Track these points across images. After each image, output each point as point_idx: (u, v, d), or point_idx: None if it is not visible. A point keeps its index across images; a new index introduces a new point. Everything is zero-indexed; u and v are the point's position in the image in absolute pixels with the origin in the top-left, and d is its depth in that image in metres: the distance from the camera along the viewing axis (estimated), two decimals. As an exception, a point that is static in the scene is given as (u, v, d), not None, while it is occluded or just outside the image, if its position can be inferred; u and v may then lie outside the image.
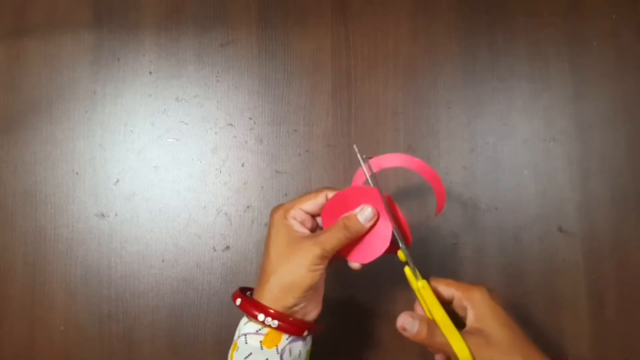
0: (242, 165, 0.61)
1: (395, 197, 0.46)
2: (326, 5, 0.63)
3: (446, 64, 0.62)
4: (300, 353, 0.43)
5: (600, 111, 0.60)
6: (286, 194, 0.60)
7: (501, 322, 0.41)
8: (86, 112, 0.62)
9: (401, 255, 0.44)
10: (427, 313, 0.43)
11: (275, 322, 0.41)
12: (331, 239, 0.42)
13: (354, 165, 0.60)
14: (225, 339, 0.58)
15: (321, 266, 0.42)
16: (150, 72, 0.63)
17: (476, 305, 0.42)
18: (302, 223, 0.45)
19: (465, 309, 0.42)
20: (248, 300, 0.43)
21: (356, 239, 0.44)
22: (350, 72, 0.62)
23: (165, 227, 0.60)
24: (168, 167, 0.61)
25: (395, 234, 0.44)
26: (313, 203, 0.45)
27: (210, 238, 0.60)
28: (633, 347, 0.57)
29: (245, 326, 0.43)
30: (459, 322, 0.42)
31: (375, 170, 0.46)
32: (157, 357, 0.58)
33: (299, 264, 0.41)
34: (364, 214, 0.44)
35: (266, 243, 0.44)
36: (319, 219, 0.47)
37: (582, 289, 0.58)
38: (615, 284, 0.58)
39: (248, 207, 0.60)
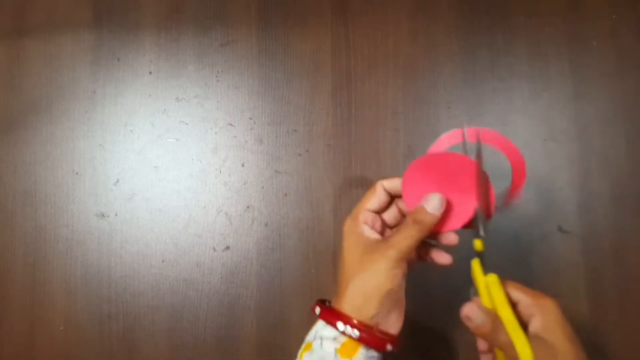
0: (242, 165, 0.61)
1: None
2: (326, 5, 0.63)
3: (446, 64, 0.62)
4: None
5: (601, 111, 0.60)
6: (286, 194, 0.60)
7: (568, 337, 0.39)
8: (86, 112, 0.62)
9: (478, 244, 0.41)
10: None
11: (356, 332, 0.39)
12: (404, 239, 0.40)
13: (353, 165, 0.60)
14: (225, 338, 0.58)
15: (399, 270, 0.40)
16: (150, 72, 0.63)
17: (546, 314, 0.40)
18: (372, 226, 0.43)
19: (530, 316, 0.41)
20: (328, 309, 0.41)
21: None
22: (350, 72, 0.62)
23: (165, 227, 0.60)
24: (168, 167, 0.61)
25: (479, 219, 0.41)
26: (375, 200, 0.43)
27: (210, 238, 0.60)
28: (633, 347, 0.57)
29: (325, 329, 0.41)
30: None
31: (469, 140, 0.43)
32: (157, 356, 0.58)
33: (376, 270, 0.40)
34: (431, 203, 0.41)
35: (342, 253, 0.43)
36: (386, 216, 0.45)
37: (582, 289, 0.58)
38: (615, 284, 0.58)
39: (248, 207, 0.60)
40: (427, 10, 0.62)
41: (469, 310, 0.40)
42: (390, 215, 0.45)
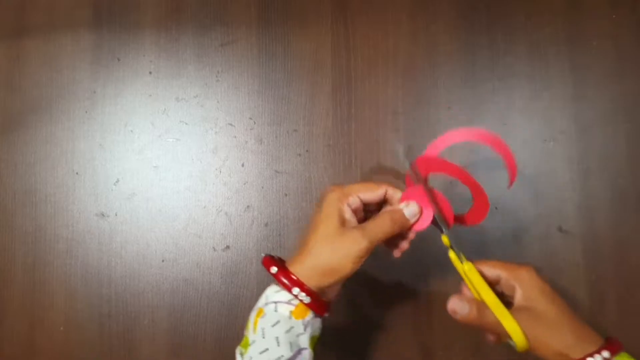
0: (242, 165, 0.61)
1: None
2: (326, 5, 0.63)
3: (446, 64, 0.62)
4: (317, 329, 0.44)
5: (600, 111, 0.60)
6: (286, 194, 0.60)
7: (549, 299, 0.42)
8: (86, 112, 0.62)
9: (445, 240, 0.45)
10: (475, 294, 0.44)
11: (308, 299, 0.42)
12: (379, 232, 0.43)
13: (353, 165, 0.60)
14: (225, 338, 0.58)
15: (364, 258, 0.43)
16: (150, 72, 0.63)
17: (524, 284, 0.43)
18: (354, 211, 0.45)
19: (513, 289, 0.43)
20: (285, 272, 0.43)
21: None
22: (350, 72, 0.62)
23: (165, 227, 0.60)
24: (168, 167, 0.61)
25: (437, 220, 0.45)
26: (372, 195, 0.46)
27: (210, 238, 0.60)
28: (633, 347, 0.57)
29: (277, 294, 0.43)
30: (505, 302, 0.43)
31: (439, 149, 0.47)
32: (157, 356, 0.58)
33: (345, 254, 0.42)
34: (409, 209, 0.45)
35: (315, 219, 0.45)
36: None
37: (582, 289, 0.58)
38: (615, 284, 0.58)
39: (248, 207, 0.60)
40: (427, 10, 0.62)
41: (452, 305, 0.42)
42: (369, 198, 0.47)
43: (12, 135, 0.62)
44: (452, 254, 0.45)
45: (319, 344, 0.44)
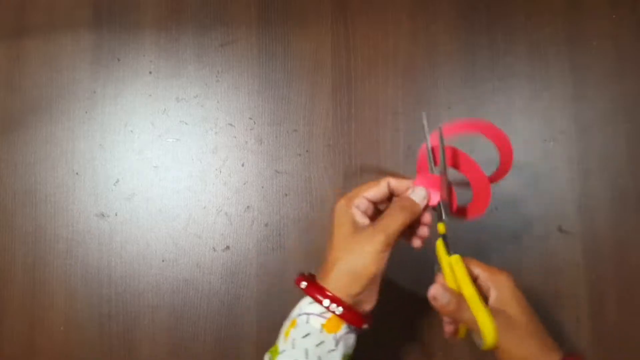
0: (242, 165, 0.61)
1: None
2: (326, 5, 0.63)
3: (446, 63, 0.62)
4: (352, 345, 0.43)
5: (601, 111, 0.60)
6: (286, 194, 0.60)
7: (522, 306, 0.43)
8: (86, 112, 0.62)
9: (440, 227, 0.45)
10: (454, 287, 0.44)
11: (340, 309, 0.41)
12: (392, 223, 0.43)
13: (353, 165, 0.60)
14: (225, 338, 0.58)
15: (386, 253, 0.42)
16: (150, 72, 0.63)
17: (501, 287, 0.43)
18: (364, 212, 0.45)
19: (488, 290, 0.44)
20: (314, 285, 0.43)
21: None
22: (350, 72, 0.62)
23: (165, 227, 0.60)
24: (168, 167, 0.61)
25: (442, 207, 0.45)
26: (376, 191, 0.45)
27: (210, 238, 0.60)
28: (633, 347, 0.57)
29: (310, 306, 0.42)
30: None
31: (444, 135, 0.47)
32: (157, 356, 0.58)
33: (365, 252, 0.42)
34: (416, 193, 0.45)
35: (331, 233, 0.44)
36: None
37: (582, 289, 0.58)
38: (615, 284, 0.58)
39: (248, 207, 0.60)
40: (427, 10, 0.62)
41: (435, 291, 0.43)
42: (377, 195, 0.47)
43: (12, 135, 0.62)
44: (440, 243, 0.45)
45: None
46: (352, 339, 0.43)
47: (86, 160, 0.61)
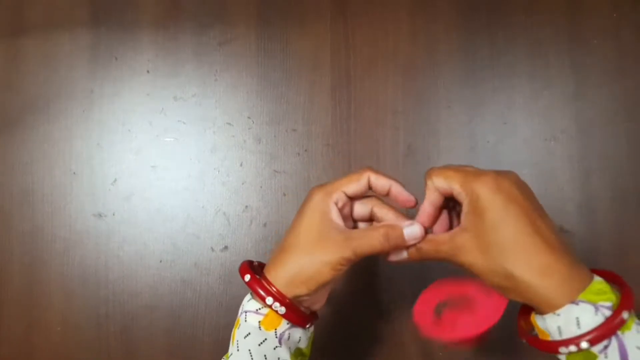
0: (241, 165, 0.61)
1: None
2: (325, 4, 0.62)
3: (446, 63, 0.61)
4: (300, 339, 0.41)
5: (601, 110, 0.60)
6: (285, 194, 0.60)
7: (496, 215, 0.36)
8: (84, 111, 0.62)
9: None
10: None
11: (283, 310, 0.39)
12: (366, 246, 0.39)
13: (353, 165, 0.60)
14: (223, 339, 0.58)
15: (345, 267, 0.39)
16: (148, 71, 0.62)
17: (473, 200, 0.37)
18: (341, 209, 0.41)
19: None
20: (257, 281, 0.40)
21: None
22: (350, 71, 0.61)
23: (163, 227, 0.60)
24: (166, 166, 0.61)
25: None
26: (356, 186, 0.41)
27: (208, 238, 0.60)
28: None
29: (248, 303, 0.41)
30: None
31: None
32: (155, 357, 0.58)
33: (324, 261, 0.39)
34: (411, 230, 0.40)
35: (297, 221, 0.41)
36: (358, 207, 0.43)
37: (582, 289, 0.57)
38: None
39: (246, 207, 0.60)
40: (427, 9, 0.62)
41: (391, 258, 0.41)
42: (359, 210, 0.43)
43: (9, 135, 0.62)
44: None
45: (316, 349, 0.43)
46: (298, 332, 0.41)
47: (84, 160, 0.61)
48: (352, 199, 0.42)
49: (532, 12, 0.61)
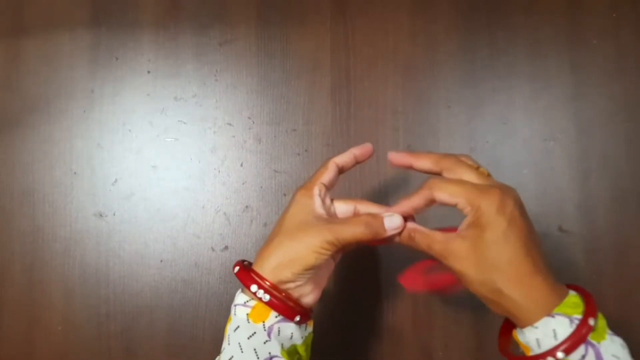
0: (241, 165, 0.61)
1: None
2: (325, 4, 0.63)
3: (446, 63, 0.61)
4: (292, 335, 0.40)
5: (601, 110, 0.60)
6: (285, 194, 0.60)
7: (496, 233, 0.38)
8: (84, 111, 0.62)
9: None
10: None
11: (267, 297, 0.39)
12: (346, 231, 0.40)
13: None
14: (223, 339, 0.58)
15: (328, 252, 0.40)
16: (149, 71, 0.62)
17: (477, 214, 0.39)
18: (323, 200, 0.43)
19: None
20: (245, 270, 0.41)
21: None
22: (350, 71, 0.61)
23: (164, 226, 0.60)
24: (166, 166, 0.61)
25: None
26: (328, 175, 0.44)
27: (208, 238, 0.60)
28: (633, 347, 0.57)
29: (238, 297, 0.41)
30: None
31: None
32: (155, 357, 0.58)
33: (306, 243, 0.40)
34: (391, 220, 0.41)
35: (281, 216, 0.43)
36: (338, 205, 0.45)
37: (582, 289, 0.58)
38: (615, 284, 0.58)
39: (247, 207, 0.60)
40: (427, 9, 0.62)
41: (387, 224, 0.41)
42: (343, 209, 0.45)
43: (9, 135, 0.62)
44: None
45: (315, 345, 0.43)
46: (289, 327, 0.40)
47: (84, 160, 0.61)
48: (328, 188, 0.44)
49: (532, 12, 0.61)
